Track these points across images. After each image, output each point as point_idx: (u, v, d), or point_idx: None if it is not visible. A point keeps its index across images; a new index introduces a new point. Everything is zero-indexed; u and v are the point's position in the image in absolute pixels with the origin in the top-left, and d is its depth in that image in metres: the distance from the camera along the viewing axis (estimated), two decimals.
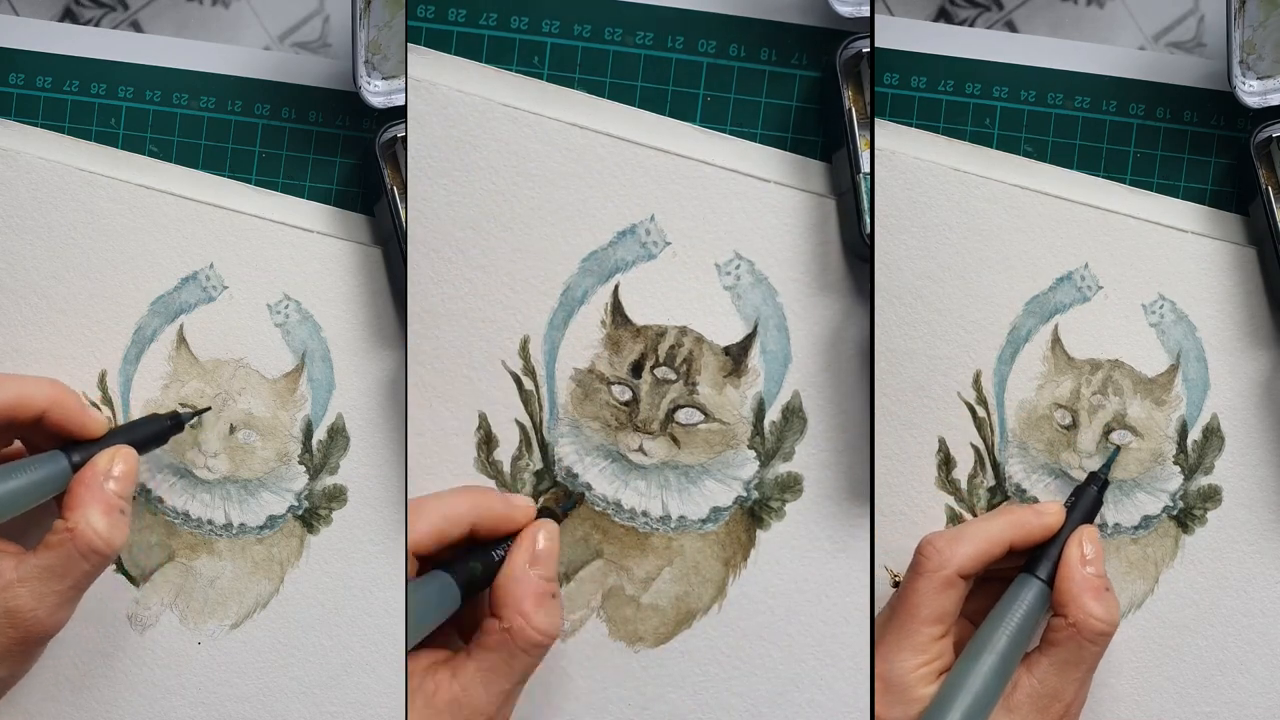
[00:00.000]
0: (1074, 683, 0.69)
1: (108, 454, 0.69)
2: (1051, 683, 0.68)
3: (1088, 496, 0.72)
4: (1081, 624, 0.68)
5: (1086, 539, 0.70)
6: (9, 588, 0.66)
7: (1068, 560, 0.70)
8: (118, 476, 0.68)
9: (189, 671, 0.74)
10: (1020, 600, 0.69)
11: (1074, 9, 0.76)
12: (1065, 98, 0.75)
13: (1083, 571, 0.69)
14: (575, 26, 0.74)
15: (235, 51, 0.75)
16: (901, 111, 0.74)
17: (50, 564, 0.67)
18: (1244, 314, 0.74)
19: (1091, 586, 0.69)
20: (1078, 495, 0.72)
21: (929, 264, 0.74)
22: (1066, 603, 0.69)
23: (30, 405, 0.68)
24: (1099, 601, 0.69)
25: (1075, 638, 0.68)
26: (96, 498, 0.67)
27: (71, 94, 0.74)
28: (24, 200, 0.74)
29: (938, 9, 0.76)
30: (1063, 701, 0.68)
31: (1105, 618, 0.68)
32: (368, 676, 0.74)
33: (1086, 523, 0.71)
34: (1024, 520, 0.71)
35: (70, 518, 0.67)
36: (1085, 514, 0.71)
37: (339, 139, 0.75)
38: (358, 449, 0.75)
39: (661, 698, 0.74)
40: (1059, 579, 0.69)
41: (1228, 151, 0.75)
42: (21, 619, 0.66)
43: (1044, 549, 0.70)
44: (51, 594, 0.67)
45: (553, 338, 0.73)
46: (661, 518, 0.74)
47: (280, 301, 0.75)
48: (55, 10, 0.76)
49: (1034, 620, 0.69)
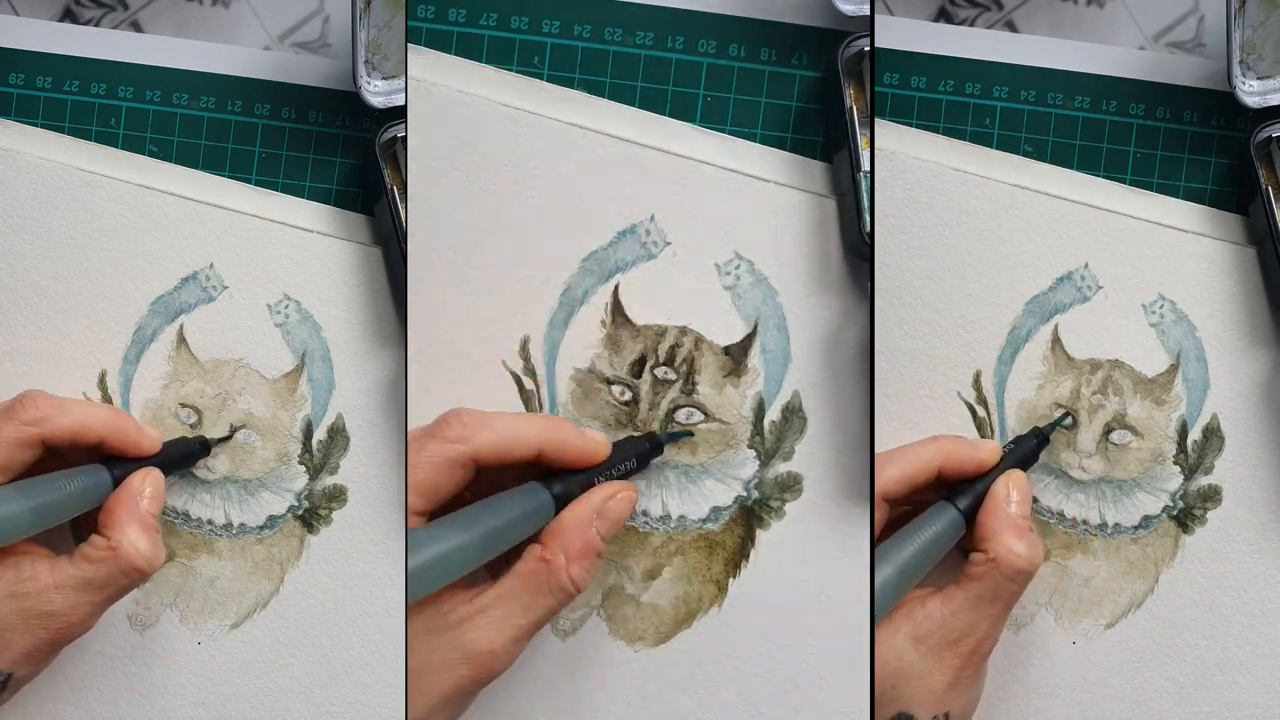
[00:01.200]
0: (988, 619, 0.68)
1: (140, 475, 0.70)
2: (965, 617, 0.68)
3: (1025, 446, 0.72)
4: (1001, 559, 0.68)
5: (1015, 483, 0.70)
6: (44, 592, 0.68)
7: (993, 496, 0.69)
8: (149, 496, 0.70)
9: (189, 671, 0.74)
10: (932, 522, 0.69)
11: (1074, 9, 0.76)
12: (1065, 98, 0.75)
13: (1006, 509, 0.69)
14: (575, 27, 0.74)
15: (235, 51, 0.75)
16: (901, 111, 0.74)
17: (89, 576, 0.68)
18: (1244, 314, 0.74)
19: (1014, 524, 0.69)
20: (1017, 443, 0.72)
21: (929, 264, 0.74)
22: (987, 537, 0.69)
23: (92, 432, 0.70)
24: (1021, 539, 0.68)
25: (993, 573, 0.68)
26: (135, 517, 0.69)
27: (71, 94, 0.74)
28: (24, 200, 0.74)
29: (938, 9, 0.76)
30: (974, 637, 0.68)
31: (1026, 555, 0.68)
32: (368, 676, 0.75)
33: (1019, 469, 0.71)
34: (955, 449, 0.71)
35: (112, 536, 0.68)
36: (1019, 462, 0.71)
37: (339, 139, 0.75)
38: (358, 449, 0.75)
39: (661, 697, 0.74)
40: (982, 513, 0.69)
41: (1228, 151, 0.75)
42: (54, 622, 0.68)
43: (969, 484, 0.70)
44: (86, 603, 0.68)
45: (553, 337, 0.73)
46: (661, 517, 0.74)
47: (280, 301, 0.75)
48: (55, 10, 0.76)
49: (939, 546, 0.69)
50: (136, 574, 0.69)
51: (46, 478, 0.69)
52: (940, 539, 0.69)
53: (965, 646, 0.68)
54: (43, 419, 0.69)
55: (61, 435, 0.69)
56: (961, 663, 0.68)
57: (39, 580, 0.68)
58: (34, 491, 0.68)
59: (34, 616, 0.68)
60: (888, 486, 0.69)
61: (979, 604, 0.68)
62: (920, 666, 0.68)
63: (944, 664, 0.68)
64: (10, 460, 0.68)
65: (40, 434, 0.68)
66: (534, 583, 0.67)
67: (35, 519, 0.68)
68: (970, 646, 0.68)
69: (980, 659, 0.69)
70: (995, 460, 0.71)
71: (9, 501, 0.67)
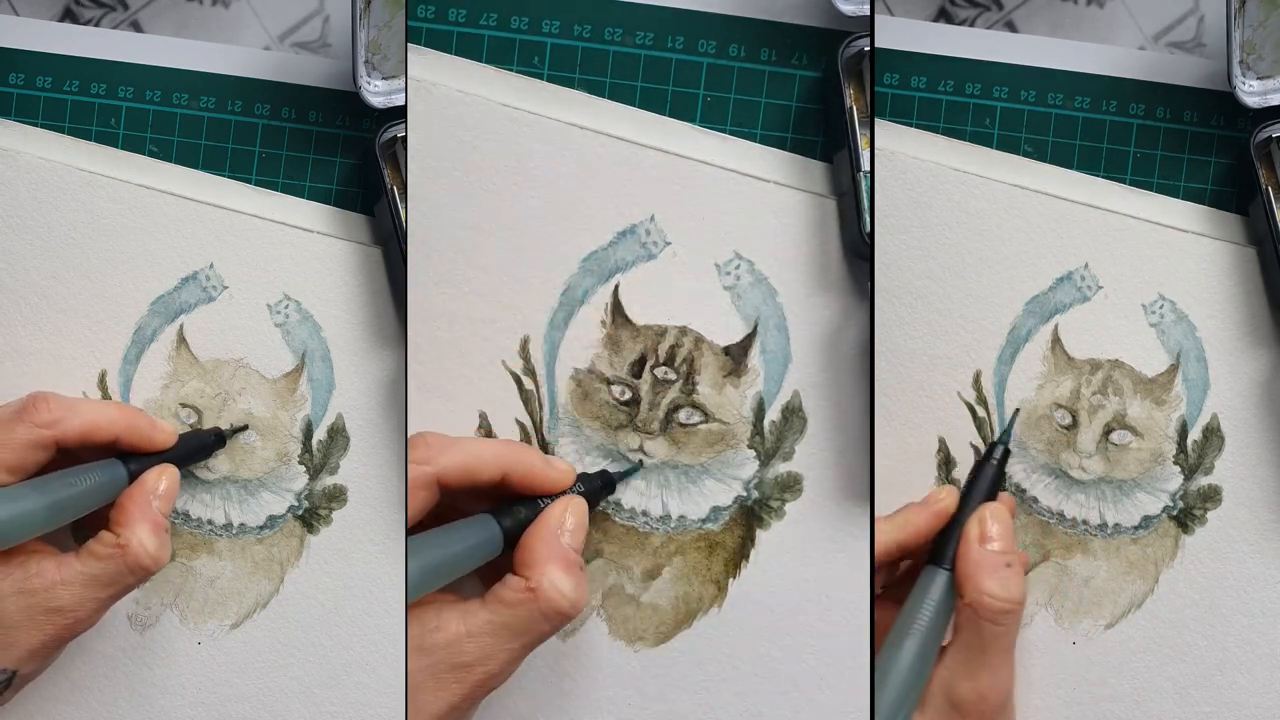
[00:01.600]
0: (985, 668, 0.66)
1: (155, 471, 0.70)
2: (960, 670, 0.66)
3: (987, 473, 0.71)
4: (977, 604, 0.66)
5: (988, 516, 0.68)
6: (52, 588, 0.68)
7: (966, 540, 0.68)
8: (162, 494, 0.70)
9: (189, 671, 0.74)
10: (924, 593, 0.67)
11: (1074, 9, 0.76)
12: (1065, 98, 0.75)
13: (979, 550, 0.67)
14: (575, 26, 0.74)
15: (235, 51, 0.75)
16: (901, 111, 0.74)
17: (96, 573, 0.68)
18: (1244, 314, 0.74)
19: (987, 564, 0.66)
20: (976, 473, 0.71)
21: (929, 264, 0.74)
22: (963, 583, 0.67)
23: (104, 431, 0.69)
24: (994, 578, 0.66)
25: (974, 620, 0.66)
26: (146, 516, 0.69)
27: (71, 94, 0.74)
28: (24, 200, 0.74)
29: (938, 9, 0.76)
30: (976, 692, 0.66)
31: (1002, 595, 0.66)
32: (368, 676, 0.75)
33: (990, 499, 0.70)
34: (908, 520, 0.69)
35: (122, 534, 0.68)
36: (987, 491, 0.70)
37: (339, 139, 0.75)
38: (358, 449, 0.75)
39: (661, 697, 0.74)
40: (958, 562, 0.67)
41: (1228, 151, 0.75)
42: (60, 619, 0.68)
43: (946, 535, 0.69)
44: (92, 600, 0.68)
45: (553, 337, 0.73)
46: (661, 517, 0.74)
47: (280, 301, 0.75)
48: (55, 10, 0.76)
49: (943, 612, 0.67)
50: (143, 572, 0.69)
51: (62, 474, 0.69)
52: (939, 606, 0.67)
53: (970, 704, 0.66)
54: (55, 421, 0.69)
55: (74, 436, 0.69)
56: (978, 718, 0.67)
57: (45, 577, 0.68)
58: (49, 488, 0.68)
59: (40, 613, 0.68)
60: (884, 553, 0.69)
61: (970, 653, 0.66)
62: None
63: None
64: (23, 461, 0.68)
65: (54, 436, 0.68)
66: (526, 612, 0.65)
67: (51, 515, 0.68)
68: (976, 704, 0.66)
69: (994, 709, 0.67)
70: (952, 507, 0.69)
71: (25, 498, 0.67)
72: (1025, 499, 0.74)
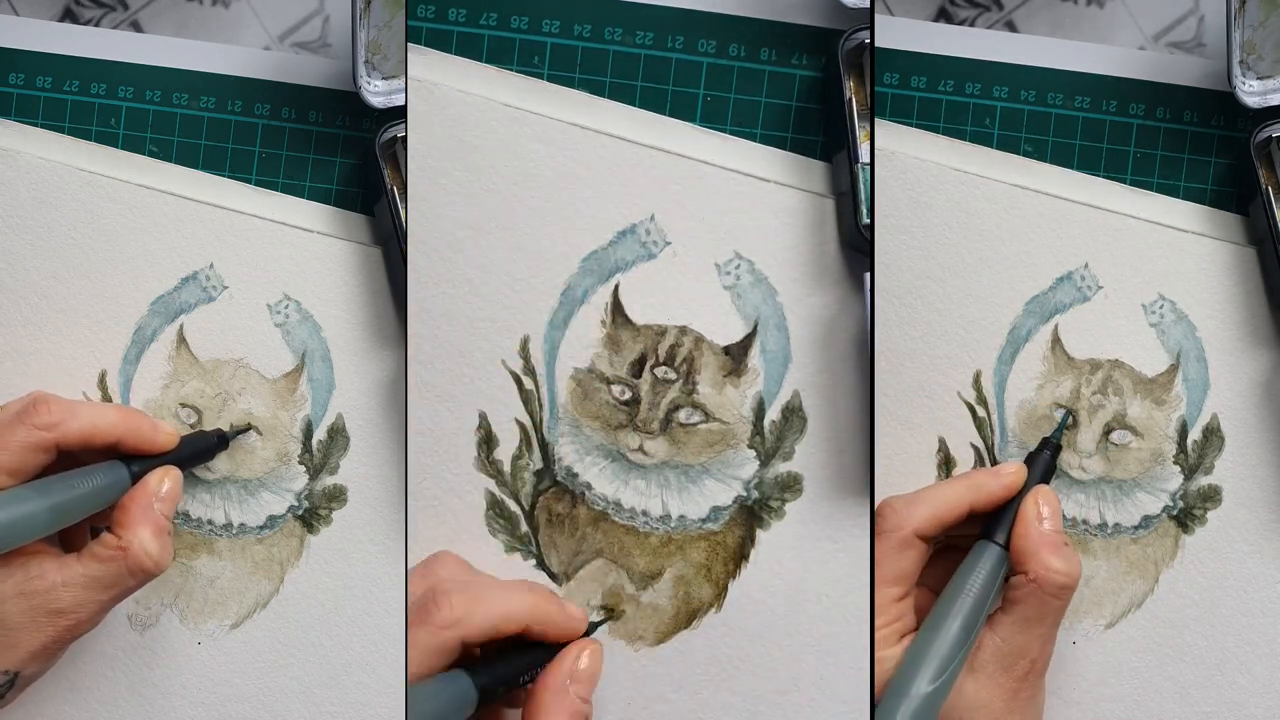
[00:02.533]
0: (1038, 639, 0.68)
1: (158, 473, 0.70)
2: (1016, 640, 0.68)
3: (1042, 460, 0.72)
4: (1042, 578, 0.68)
5: (1043, 498, 0.70)
6: (53, 590, 0.68)
7: (1024, 518, 0.69)
8: (164, 497, 0.70)
9: (189, 671, 0.74)
10: (979, 565, 0.69)
11: (1074, 9, 0.76)
12: (1065, 98, 0.75)
13: (1039, 528, 0.69)
14: (575, 26, 0.74)
15: (235, 51, 0.75)
16: (901, 111, 0.74)
17: (97, 575, 0.68)
18: (1244, 314, 0.74)
19: (1049, 541, 0.69)
20: (1031, 460, 0.72)
21: (929, 264, 0.74)
22: (1025, 559, 0.69)
23: (104, 434, 0.69)
24: (1057, 555, 0.68)
25: (1037, 593, 0.68)
26: (148, 518, 0.69)
27: (71, 94, 0.74)
28: (24, 200, 0.74)
29: (938, 9, 0.76)
30: (1027, 658, 0.68)
31: (1065, 570, 0.68)
32: (368, 676, 0.75)
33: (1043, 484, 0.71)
34: (982, 482, 0.70)
35: (123, 536, 0.68)
36: (1040, 477, 0.71)
37: (339, 139, 0.75)
38: (358, 449, 0.75)
39: (662, 697, 0.74)
40: (1015, 537, 0.69)
41: (1228, 151, 0.75)
42: (61, 620, 0.68)
43: (999, 514, 0.70)
44: (93, 601, 0.68)
45: (553, 337, 0.73)
46: (661, 517, 0.74)
47: (280, 301, 0.75)
48: (55, 10, 0.76)
49: (992, 585, 0.69)
50: (144, 575, 0.69)
51: (64, 476, 0.69)
52: (989, 579, 0.69)
53: (1020, 669, 0.68)
54: (55, 424, 0.68)
55: (74, 439, 0.69)
56: (1017, 685, 0.68)
57: (46, 579, 0.68)
58: (51, 490, 0.68)
59: (42, 614, 0.68)
60: (922, 525, 0.69)
61: (1027, 625, 0.68)
62: (979, 695, 0.68)
63: (1001, 688, 0.68)
64: (24, 464, 0.68)
65: (54, 438, 0.68)
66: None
67: (54, 518, 0.68)
68: (1025, 668, 0.68)
69: (1036, 678, 0.69)
70: (1020, 482, 0.71)
71: (27, 501, 0.67)
72: None
